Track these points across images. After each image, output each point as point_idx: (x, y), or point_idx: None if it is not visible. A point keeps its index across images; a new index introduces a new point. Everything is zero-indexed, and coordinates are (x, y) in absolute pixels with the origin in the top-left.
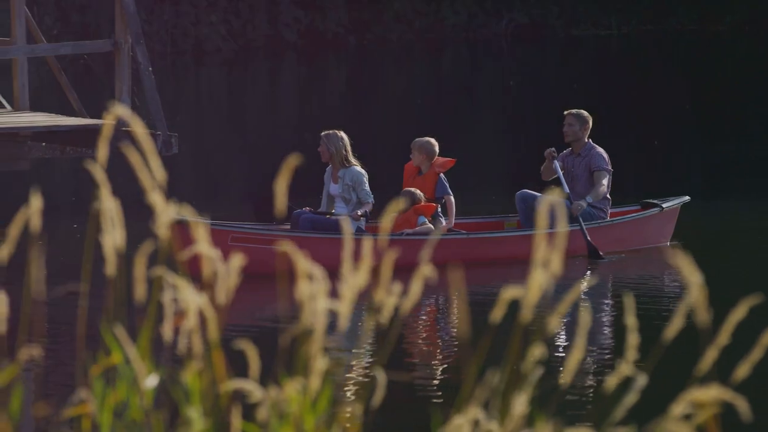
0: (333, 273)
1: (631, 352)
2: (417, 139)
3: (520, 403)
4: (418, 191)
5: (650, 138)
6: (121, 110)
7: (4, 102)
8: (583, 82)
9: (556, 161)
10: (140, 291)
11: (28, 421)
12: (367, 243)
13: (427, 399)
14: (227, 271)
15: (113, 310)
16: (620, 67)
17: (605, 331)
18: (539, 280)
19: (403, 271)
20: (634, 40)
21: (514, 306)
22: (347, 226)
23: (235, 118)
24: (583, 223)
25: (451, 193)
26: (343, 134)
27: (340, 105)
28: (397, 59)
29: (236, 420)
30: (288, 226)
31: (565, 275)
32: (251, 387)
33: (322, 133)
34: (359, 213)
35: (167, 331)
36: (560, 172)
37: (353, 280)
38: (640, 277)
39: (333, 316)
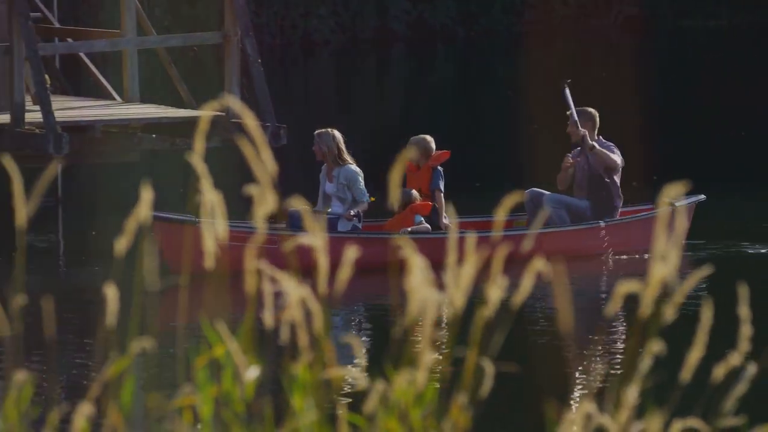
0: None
1: (744, 344)
2: (413, 137)
3: (631, 396)
4: (413, 191)
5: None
6: (230, 102)
7: (115, 94)
8: (672, 75)
9: (566, 89)
10: (251, 283)
11: (139, 413)
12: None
13: (537, 392)
14: (339, 262)
15: (214, 302)
16: (716, 61)
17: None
18: (660, 273)
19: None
20: (743, 32)
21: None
22: (343, 225)
23: (343, 110)
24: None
25: (442, 188)
26: (335, 132)
27: (448, 97)
28: (505, 51)
29: (343, 412)
30: (283, 225)
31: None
32: (359, 377)
33: (315, 132)
34: (351, 213)
35: (270, 323)
36: (570, 101)
37: (464, 272)
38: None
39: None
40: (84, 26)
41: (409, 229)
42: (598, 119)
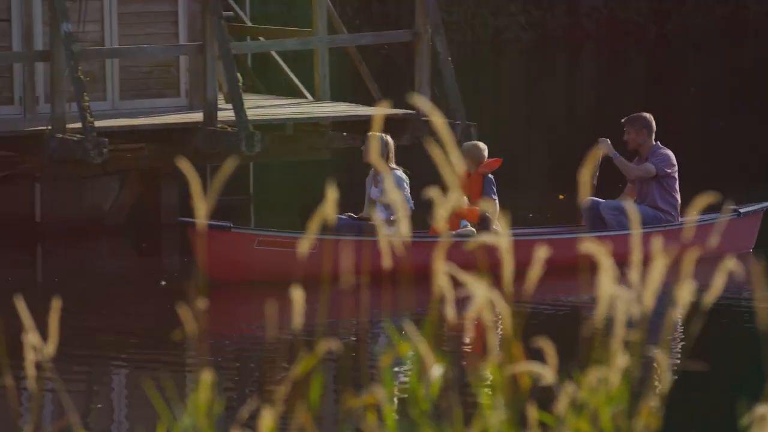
0: (364, 275)
1: None
2: (464, 144)
3: None
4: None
5: None
6: (420, 100)
7: (306, 92)
8: None
9: (605, 146)
10: (438, 283)
11: (327, 412)
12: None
13: (728, 391)
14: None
15: (400, 302)
16: None
17: None
18: None
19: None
20: None
21: None
22: (384, 229)
23: (533, 108)
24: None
25: (493, 196)
26: (388, 137)
27: (638, 95)
28: (697, 48)
29: (533, 411)
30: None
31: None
32: (549, 375)
33: (368, 134)
34: (392, 218)
35: (456, 323)
36: (611, 151)
37: (655, 271)
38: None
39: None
40: (275, 25)
41: (454, 232)
42: (653, 124)
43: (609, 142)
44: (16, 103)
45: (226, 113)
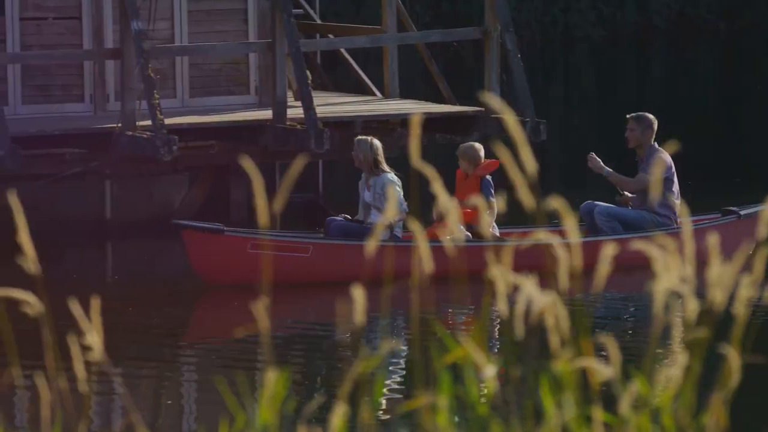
0: (359, 281)
1: None
2: (461, 145)
3: None
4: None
5: None
6: (490, 97)
7: (375, 90)
8: None
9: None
10: (497, 284)
11: (387, 411)
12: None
13: None
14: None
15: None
16: None
17: None
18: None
19: (439, 279)
20: None
21: None
22: (379, 234)
23: (602, 106)
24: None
25: (491, 198)
26: (374, 141)
27: (708, 93)
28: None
29: (597, 410)
30: (321, 234)
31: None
32: (613, 373)
33: (356, 139)
34: (385, 224)
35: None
36: (604, 168)
37: (724, 270)
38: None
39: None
40: (345, 22)
41: (448, 237)
42: (655, 125)
43: (597, 158)
44: (87, 100)
45: (295, 111)
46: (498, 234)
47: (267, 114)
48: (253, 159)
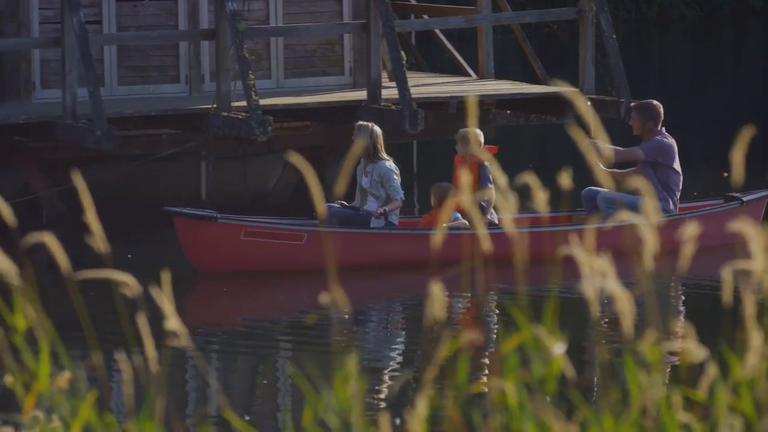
0: (352, 268)
1: None
2: (460, 130)
3: None
4: (450, 185)
5: None
6: (584, 78)
7: (470, 70)
8: None
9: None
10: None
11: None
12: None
13: None
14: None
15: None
16: None
17: None
18: None
19: (441, 266)
20: None
21: None
22: (375, 222)
23: (697, 87)
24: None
25: (491, 184)
26: (375, 127)
27: None
28: None
29: (678, 389)
30: (316, 221)
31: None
32: (701, 352)
33: (357, 124)
34: (379, 212)
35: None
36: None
37: None
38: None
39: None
40: (439, 3)
41: (445, 225)
42: (660, 112)
43: (596, 142)
44: (182, 81)
45: (389, 91)
46: (496, 221)
47: (361, 94)
48: (347, 140)
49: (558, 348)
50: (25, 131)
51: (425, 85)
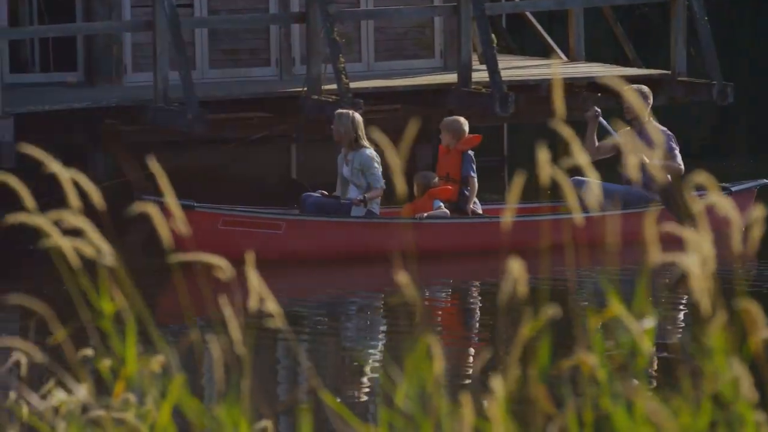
0: (331, 258)
1: None
2: (445, 119)
3: None
4: (433, 175)
5: None
6: (676, 60)
7: (560, 52)
8: None
9: (599, 119)
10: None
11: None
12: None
13: None
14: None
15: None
16: None
17: None
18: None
19: (422, 257)
20: None
21: None
22: (356, 212)
23: None
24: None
25: (473, 173)
26: (356, 115)
27: None
28: None
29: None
30: (296, 211)
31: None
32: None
33: (336, 112)
34: (359, 198)
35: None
36: (605, 123)
37: None
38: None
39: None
40: None
41: (425, 214)
42: (650, 99)
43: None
44: (273, 65)
45: (480, 74)
46: (480, 210)
47: (452, 77)
48: (439, 123)
49: (648, 322)
50: (116, 114)
51: (516, 68)
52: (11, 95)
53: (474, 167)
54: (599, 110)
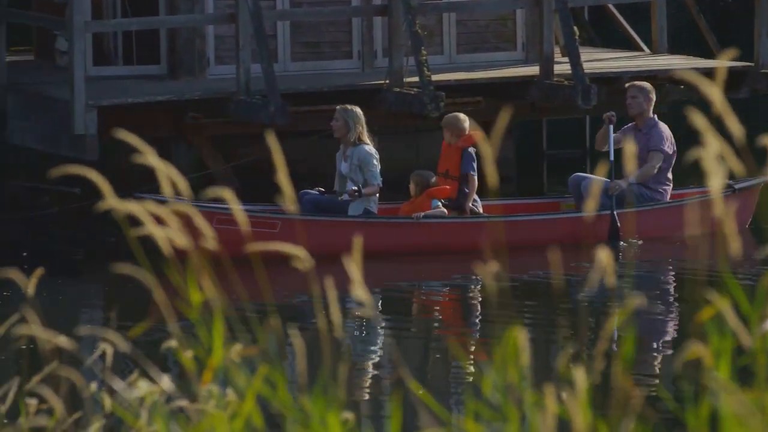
0: (327, 257)
1: None
2: (446, 116)
3: None
4: (431, 173)
5: None
6: (761, 52)
7: (643, 45)
8: None
9: (611, 125)
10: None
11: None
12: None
13: None
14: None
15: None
16: None
17: None
18: None
19: (419, 255)
20: None
21: None
22: (354, 210)
23: None
24: (615, 204)
25: (472, 171)
26: (356, 109)
27: None
28: None
29: None
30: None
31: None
32: None
33: (338, 107)
34: (353, 188)
35: None
36: (611, 138)
37: None
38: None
39: None
40: None
41: (422, 213)
42: (654, 96)
43: (618, 184)
44: (355, 57)
45: (562, 66)
46: (480, 208)
47: (534, 70)
48: (520, 115)
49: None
50: (199, 107)
51: (598, 60)
52: (95, 88)
53: (474, 165)
54: (614, 117)
